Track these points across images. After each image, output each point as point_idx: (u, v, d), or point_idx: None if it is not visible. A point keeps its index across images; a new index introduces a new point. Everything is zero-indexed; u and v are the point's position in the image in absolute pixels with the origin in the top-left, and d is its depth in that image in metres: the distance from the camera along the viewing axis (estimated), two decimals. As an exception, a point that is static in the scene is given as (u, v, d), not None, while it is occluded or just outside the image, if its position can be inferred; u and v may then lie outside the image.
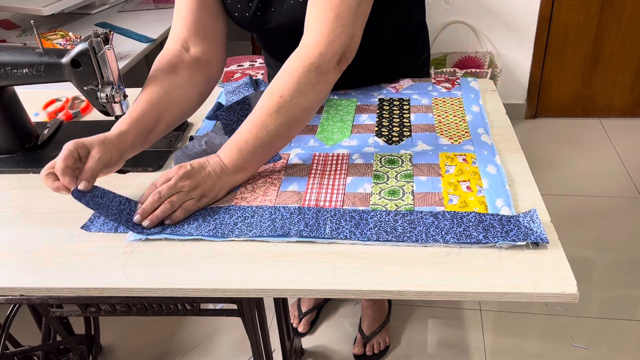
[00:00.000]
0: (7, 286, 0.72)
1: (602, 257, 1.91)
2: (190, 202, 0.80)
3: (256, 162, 0.85)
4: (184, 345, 1.67)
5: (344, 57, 0.85)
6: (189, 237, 0.77)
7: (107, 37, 0.89)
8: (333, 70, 0.84)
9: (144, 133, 0.85)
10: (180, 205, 0.79)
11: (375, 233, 0.74)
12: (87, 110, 1.17)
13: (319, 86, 0.83)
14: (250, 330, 0.99)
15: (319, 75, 0.82)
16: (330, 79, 0.85)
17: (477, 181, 0.84)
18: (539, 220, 0.73)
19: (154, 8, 2.11)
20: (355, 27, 0.84)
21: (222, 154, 0.84)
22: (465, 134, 0.97)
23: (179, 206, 0.79)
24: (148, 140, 0.87)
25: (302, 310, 1.70)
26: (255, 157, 0.84)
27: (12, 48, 0.94)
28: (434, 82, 1.18)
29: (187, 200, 0.79)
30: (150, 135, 0.87)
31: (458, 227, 0.74)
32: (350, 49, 0.85)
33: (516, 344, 1.62)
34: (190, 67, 0.95)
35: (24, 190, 0.92)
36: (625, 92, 2.71)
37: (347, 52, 0.85)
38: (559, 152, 2.53)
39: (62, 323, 1.51)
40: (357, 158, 0.93)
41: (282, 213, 0.79)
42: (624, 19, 2.51)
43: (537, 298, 0.65)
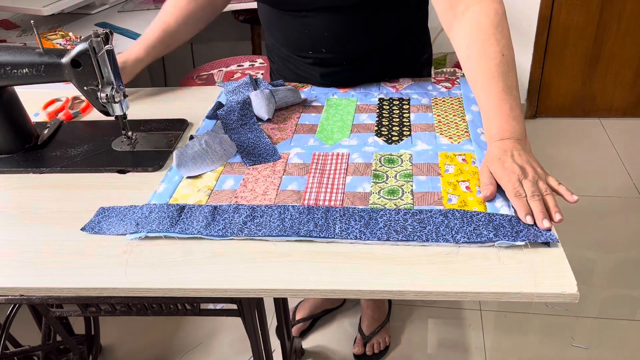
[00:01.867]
0: (7, 286, 0.72)
1: (602, 257, 1.91)
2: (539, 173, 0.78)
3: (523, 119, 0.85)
4: (184, 345, 1.67)
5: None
6: (196, 236, 0.77)
7: (107, 37, 0.89)
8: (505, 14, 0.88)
9: (155, 58, 1.13)
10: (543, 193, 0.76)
11: (386, 232, 0.74)
12: (87, 110, 1.17)
13: (507, 31, 0.87)
14: (250, 330, 0.99)
15: (505, 23, 0.87)
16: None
17: (476, 181, 0.84)
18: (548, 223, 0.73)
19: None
20: None
21: (512, 127, 0.81)
22: (465, 134, 0.97)
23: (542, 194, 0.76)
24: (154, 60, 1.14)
25: (295, 317, 1.70)
26: (522, 115, 0.84)
27: (12, 48, 0.94)
28: (434, 82, 1.18)
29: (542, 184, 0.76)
30: (157, 57, 1.14)
31: (468, 226, 0.74)
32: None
33: (516, 344, 1.62)
34: (201, 3, 1.16)
35: (24, 190, 0.92)
36: (625, 92, 2.71)
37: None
38: (559, 152, 2.53)
39: (62, 323, 1.51)
40: (356, 157, 0.93)
41: (292, 213, 0.79)
42: (624, 19, 2.51)
43: (537, 298, 0.65)
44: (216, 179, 0.90)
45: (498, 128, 0.83)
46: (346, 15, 1.04)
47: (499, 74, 0.84)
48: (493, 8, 0.87)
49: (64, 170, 0.96)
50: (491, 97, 0.84)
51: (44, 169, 0.96)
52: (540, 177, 0.77)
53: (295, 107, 1.12)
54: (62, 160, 0.98)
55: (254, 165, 0.93)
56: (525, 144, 0.81)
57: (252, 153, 0.96)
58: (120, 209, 0.83)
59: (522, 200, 0.74)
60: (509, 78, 0.83)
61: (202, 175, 0.92)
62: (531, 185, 0.75)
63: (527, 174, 0.77)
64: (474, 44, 0.87)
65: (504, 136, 0.82)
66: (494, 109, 0.84)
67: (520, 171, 0.77)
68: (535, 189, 0.75)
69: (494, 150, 0.82)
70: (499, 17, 0.87)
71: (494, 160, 0.80)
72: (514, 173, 0.77)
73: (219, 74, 2.04)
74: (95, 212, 0.84)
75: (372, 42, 1.10)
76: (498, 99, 0.83)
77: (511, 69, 0.84)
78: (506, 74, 0.83)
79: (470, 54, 0.88)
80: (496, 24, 0.86)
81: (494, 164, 0.80)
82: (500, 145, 0.81)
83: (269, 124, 1.06)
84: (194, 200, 0.85)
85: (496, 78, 0.84)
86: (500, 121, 0.83)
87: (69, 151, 1.01)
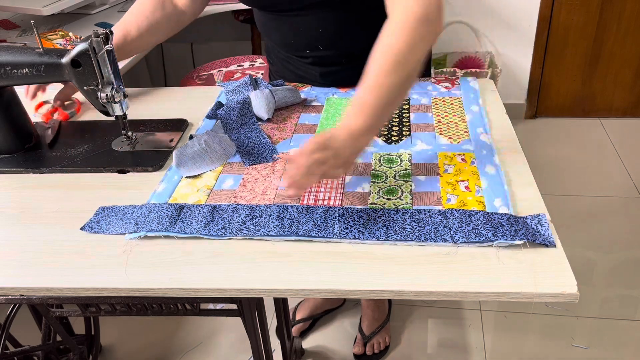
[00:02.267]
0: (7, 286, 0.72)
1: (602, 257, 1.91)
2: (329, 172, 0.78)
3: (380, 122, 0.83)
4: (184, 345, 1.67)
5: (442, 6, 0.83)
6: (195, 236, 0.77)
7: (107, 37, 0.89)
8: (437, 21, 0.82)
9: None
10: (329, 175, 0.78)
11: (384, 232, 0.74)
12: (81, 109, 1.16)
13: (428, 37, 0.82)
14: (250, 330, 0.99)
15: (426, 26, 0.81)
16: (437, 30, 0.83)
17: (475, 181, 0.84)
18: (547, 225, 0.73)
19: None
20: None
21: (348, 120, 0.81)
22: (465, 134, 0.97)
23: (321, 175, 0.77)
24: None
25: (295, 317, 1.70)
26: (379, 117, 0.81)
27: (12, 48, 0.94)
28: (434, 82, 1.18)
29: (332, 171, 0.78)
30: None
31: (467, 225, 0.74)
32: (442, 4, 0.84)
33: (516, 344, 1.62)
34: (167, 13, 1.11)
35: (24, 190, 0.92)
36: (625, 92, 2.71)
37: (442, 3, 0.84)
38: (559, 152, 2.53)
39: (62, 323, 1.51)
40: (356, 157, 0.93)
41: (291, 212, 0.79)
42: (624, 19, 2.51)
43: (537, 298, 0.65)
44: (215, 179, 0.90)
45: (350, 113, 0.81)
46: (338, 11, 1.05)
47: (385, 70, 0.80)
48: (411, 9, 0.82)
49: (64, 170, 0.96)
50: (369, 83, 0.81)
51: (44, 169, 0.96)
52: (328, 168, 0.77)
53: (295, 107, 1.12)
54: (62, 160, 0.98)
55: (254, 165, 0.93)
56: (357, 139, 0.79)
57: (252, 153, 0.96)
58: (119, 208, 0.84)
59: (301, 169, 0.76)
60: (388, 77, 0.79)
61: (202, 174, 0.92)
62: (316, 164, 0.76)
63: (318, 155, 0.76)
64: (381, 37, 0.83)
65: (343, 124, 0.81)
66: (355, 98, 0.82)
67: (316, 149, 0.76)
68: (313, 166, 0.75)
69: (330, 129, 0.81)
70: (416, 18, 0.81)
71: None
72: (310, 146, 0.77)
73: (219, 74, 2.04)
74: (94, 212, 0.84)
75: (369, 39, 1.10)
76: (363, 90, 0.81)
77: (396, 71, 0.80)
78: (387, 73, 0.80)
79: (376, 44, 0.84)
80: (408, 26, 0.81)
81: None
82: (336, 128, 0.81)
83: (268, 123, 1.06)
84: (193, 200, 0.85)
85: (374, 71, 0.80)
86: (355, 108, 0.81)
87: (69, 151, 1.01)
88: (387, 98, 0.80)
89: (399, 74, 0.80)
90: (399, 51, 0.80)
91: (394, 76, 0.80)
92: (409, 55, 0.80)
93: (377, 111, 0.80)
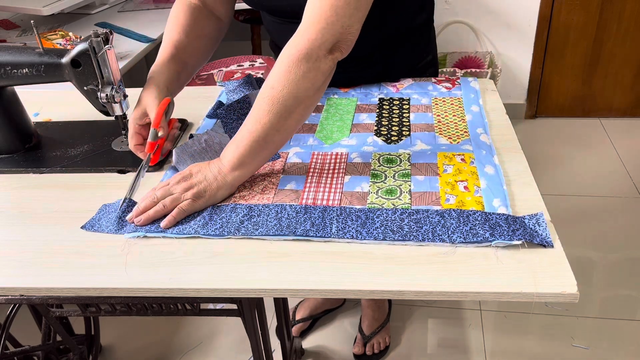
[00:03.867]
0: (7, 286, 0.72)
1: (602, 257, 1.91)
2: (185, 203, 0.80)
3: (254, 158, 0.83)
4: (184, 345, 1.67)
5: (337, 47, 0.81)
6: (194, 236, 0.77)
7: (107, 37, 0.89)
8: (324, 59, 0.80)
9: (177, 87, 1.00)
10: (176, 206, 0.80)
11: (382, 232, 0.74)
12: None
13: (310, 74, 0.80)
14: (250, 330, 0.99)
15: (309, 64, 0.79)
16: (322, 68, 0.81)
17: (474, 181, 0.84)
18: (545, 224, 0.73)
19: (154, 8, 2.11)
20: (352, 19, 0.80)
21: (223, 153, 0.84)
22: (464, 134, 0.97)
23: (173, 207, 0.80)
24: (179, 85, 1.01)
25: (295, 317, 1.70)
26: (252, 153, 0.82)
27: (12, 48, 0.94)
28: (435, 82, 1.18)
29: (181, 201, 0.80)
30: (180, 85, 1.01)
31: (464, 225, 0.74)
32: (346, 40, 0.81)
33: (516, 344, 1.62)
34: (208, 19, 1.07)
35: (24, 190, 0.92)
36: (625, 92, 2.71)
37: (341, 43, 0.81)
38: (559, 152, 2.53)
39: (62, 323, 1.51)
40: (355, 157, 0.93)
41: (289, 212, 0.79)
42: (624, 19, 2.51)
43: (537, 298, 0.65)
44: (216, 179, 0.90)
45: (227, 146, 0.84)
46: None
47: (260, 105, 0.81)
48: (295, 45, 0.80)
49: (64, 170, 0.96)
50: (247, 117, 0.83)
51: (44, 169, 0.96)
52: (177, 196, 0.81)
53: (295, 107, 1.12)
54: (62, 160, 0.98)
55: (254, 165, 0.93)
56: (225, 174, 0.82)
57: (252, 153, 0.96)
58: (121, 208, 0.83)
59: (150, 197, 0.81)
60: (266, 116, 0.80)
61: (202, 175, 0.92)
62: (165, 193, 0.81)
63: (173, 187, 0.82)
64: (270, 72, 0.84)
65: (222, 155, 0.84)
66: (240, 129, 0.83)
67: (174, 180, 0.82)
68: (167, 198, 0.80)
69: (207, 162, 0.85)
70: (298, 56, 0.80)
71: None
72: (177, 175, 0.83)
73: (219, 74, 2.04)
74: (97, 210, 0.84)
75: (372, 42, 1.10)
76: (244, 126, 0.83)
77: (274, 109, 0.80)
78: (265, 112, 0.80)
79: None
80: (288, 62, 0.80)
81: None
82: (214, 160, 0.85)
83: (269, 124, 1.06)
84: (194, 200, 0.85)
85: (255, 108, 0.82)
86: (231, 142, 0.84)
87: (69, 151, 1.01)
88: (261, 133, 0.81)
89: (275, 108, 0.80)
90: (276, 86, 0.80)
91: (269, 111, 0.80)
92: (285, 90, 0.79)
93: (248, 146, 0.82)
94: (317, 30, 0.79)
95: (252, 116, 0.82)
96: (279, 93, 0.79)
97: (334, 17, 0.79)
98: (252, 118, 0.82)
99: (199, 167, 0.84)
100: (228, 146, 0.84)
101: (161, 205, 0.80)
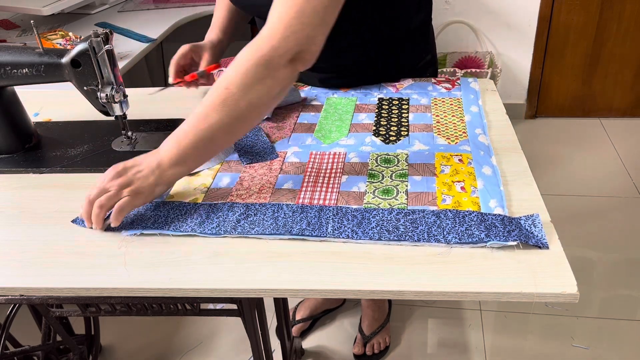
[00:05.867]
0: (7, 286, 0.72)
1: (602, 257, 1.91)
2: (123, 201, 0.77)
3: (195, 156, 0.80)
4: (184, 345, 1.67)
5: (300, 57, 0.78)
6: (191, 234, 0.77)
7: (107, 37, 0.89)
8: (284, 68, 0.77)
9: (230, 37, 1.18)
10: (115, 205, 0.77)
11: (377, 232, 0.74)
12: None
13: (268, 81, 0.77)
14: (250, 330, 0.99)
15: (267, 70, 0.76)
16: (281, 77, 0.78)
17: (471, 182, 0.84)
18: (540, 225, 0.73)
19: (154, 8, 2.11)
20: (317, 30, 0.77)
21: (162, 147, 0.80)
22: (463, 134, 0.97)
23: (112, 206, 0.77)
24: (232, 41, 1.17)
25: (295, 317, 1.69)
26: (195, 152, 0.79)
27: (12, 48, 0.94)
28: (434, 83, 1.18)
29: (118, 199, 0.77)
30: (233, 37, 1.18)
31: (460, 226, 0.74)
32: (310, 50, 0.78)
33: (516, 344, 1.62)
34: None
35: (24, 190, 0.92)
36: (625, 92, 2.71)
37: (304, 53, 0.78)
38: (559, 152, 2.53)
39: (62, 323, 1.51)
40: (353, 157, 0.93)
41: (285, 211, 0.79)
42: (624, 19, 2.51)
43: (537, 298, 0.65)
44: (213, 177, 0.90)
45: (167, 140, 0.81)
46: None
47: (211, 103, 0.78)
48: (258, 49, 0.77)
49: (64, 170, 0.96)
50: (193, 114, 0.79)
51: (44, 169, 0.96)
52: (113, 194, 0.77)
53: (295, 106, 1.12)
54: (62, 160, 0.98)
55: (251, 164, 0.93)
56: (163, 170, 0.79)
57: (250, 152, 0.96)
58: None
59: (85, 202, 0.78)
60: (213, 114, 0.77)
61: (200, 172, 0.92)
62: (100, 193, 0.78)
63: (107, 184, 0.78)
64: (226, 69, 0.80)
65: (161, 149, 0.80)
66: (183, 125, 0.80)
67: (107, 178, 0.79)
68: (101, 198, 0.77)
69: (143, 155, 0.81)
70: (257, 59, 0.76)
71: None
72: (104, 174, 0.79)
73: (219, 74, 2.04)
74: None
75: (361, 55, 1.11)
76: (187, 122, 0.79)
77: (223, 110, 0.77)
78: (213, 110, 0.77)
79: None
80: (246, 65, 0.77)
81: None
82: (151, 153, 0.81)
83: (268, 122, 1.07)
84: (190, 198, 0.85)
85: (203, 104, 0.79)
86: (171, 136, 0.80)
87: (69, 151, 1.01)
88: (207, 133, 0.78)
89: (226, 110, 0.77)
90: (230, 87, 0.76)
91: (220, 111, 0.77)
92: (239, 93, 0.76)
93: (191, 144, 0.78)
94: (280, 38, 0.75)
95: (200, 113, 0.78)
96: (233, 96, 0.76)
97: (299, 26, 0.76)
98: (200, 115, 0.78)
99: (133, 161, 0.80)
100: (169, 139, 0.80)
101: (97, 208, 0.77)
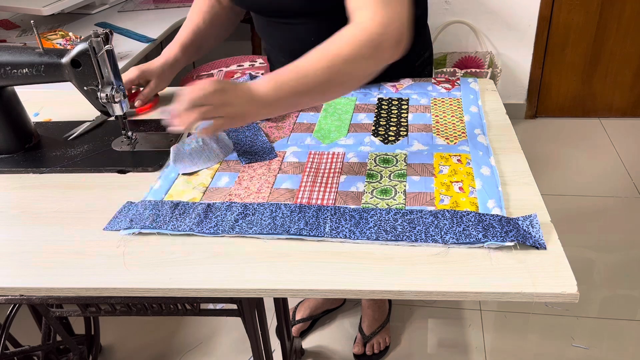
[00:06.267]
0: (7, 286, 0.72)
1: (602, 257, 1.91)
2: (220, 121, 0.77)
3: (285, 104, 0.81)
4: (184, 345, 1.67)
5: (404, 39, 0.80)
6: (189, 233, 0.77)
7: (107, 37, 0.89)
8: (389, 49, 0.79)
9: (190, 59, 1.17)
10: (212, 118, 0.77)
11: (375, 232, 0.74)
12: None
13: (372, 61, 0.79)
14: (250, 330, 0.99)
15: (376, 51, 0.78)
16: (386, 58, 0.80)
17: (470, 182, 0.84)
18: (538, 226, 0.73)
19: (154, 8, 2.11)
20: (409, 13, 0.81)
21: (257, 82, 0.79)
22: (462, 135, 0.97)
23: (206, 118, 0.77)
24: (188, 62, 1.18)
25: (295, 317, 1.69)
26: (287, 100, 0.79)
27: (12, 48, 0.94)
28: (434, 83, 1.18)
29: (217, 116, 0.77)
30: (191, 59, 1.17)
31: (457, 226, 0.74)
32: (407, 34, 0.80)
33: (516, 344, 1.62)
34: (224, 9, 1.20)
35: (24, 190, 0.92)
36: (625, 92, 2.71)
37: (405, 35, 0.80)
38: (558, 152, 2.53)
39: (62, 323, 1.51)
40: (352, 157, 0.93)
41: (283, 211, 0.79)
42: (624, 19, 2.51)
43: (537, 298, 0.65)
44: (212, 177, 0.91)
45: (263, 78, 0.80)
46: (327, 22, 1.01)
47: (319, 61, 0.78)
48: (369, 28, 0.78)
49: (64, 170, 0.96)
50: (296, 65, 0.79)
51: (44, 169, 0.96)
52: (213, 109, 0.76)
53: (295, 107, 1.12)
54: (62, 160, 0.98)
55: (250, 164, 0.93)
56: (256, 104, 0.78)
57: (249, 151, 0.96)
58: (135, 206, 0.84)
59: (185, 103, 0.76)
60: (314, 74, 0.78)
61: (199, 172, 0.92)
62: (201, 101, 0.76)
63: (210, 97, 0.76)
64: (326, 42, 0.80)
65: (250, 83, 0.79)
66: (284, 71, 0.79)
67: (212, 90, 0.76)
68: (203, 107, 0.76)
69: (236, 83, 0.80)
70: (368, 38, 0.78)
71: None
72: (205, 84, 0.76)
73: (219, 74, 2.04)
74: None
75: None
76: (287, 68, 0.79)
77: (325, 73, 0.78)
78: (315, 70, 0.78)
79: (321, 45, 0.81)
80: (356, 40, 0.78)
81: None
82: (243, 83, 0.80)
83: (267, 122, 1.07)
84: (189, 197, 0.85)
85: (306, 61, 0.79)
86: (270, 75, 0.79)
87: (69, 151, 1.01)
88: (304, 87, 0.78)
89: (328, 74, 0.78)
90: (341, 55, 0.77)
91: (322, 73, 0.77)
92: (343, 67, 0.78)
93: (288, 91, 0.78)
94: (389, 22, 0.78)
95: (303, 68, 0.78)
96: (340, 64, 0.77)
97: (401, 7, 0.79)
98: (303, 70, 0.78)
99: (233, 82, 0.79)
100: (266, 79, 0.79)
101: (198, 114, 0.76)
